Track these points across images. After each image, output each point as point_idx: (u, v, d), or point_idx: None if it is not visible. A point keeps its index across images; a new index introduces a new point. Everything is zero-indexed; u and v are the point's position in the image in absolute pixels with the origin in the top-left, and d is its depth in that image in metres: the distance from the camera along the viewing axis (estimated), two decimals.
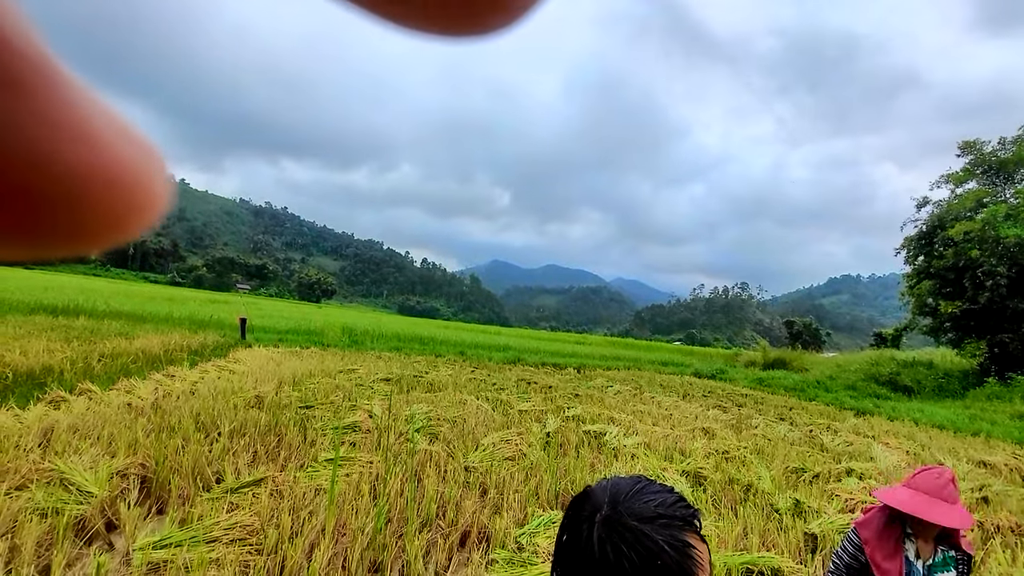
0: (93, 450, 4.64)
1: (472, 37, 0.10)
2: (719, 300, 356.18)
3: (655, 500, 0.73)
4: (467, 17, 0.09)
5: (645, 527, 0.69)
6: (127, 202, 0.09)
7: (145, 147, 0.10)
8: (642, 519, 0.70)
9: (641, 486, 0.76)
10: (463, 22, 0.09)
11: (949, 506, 1.90)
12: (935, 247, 24.70)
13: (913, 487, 1.97)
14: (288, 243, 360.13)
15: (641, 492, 0.75)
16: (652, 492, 0.75)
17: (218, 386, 8.33)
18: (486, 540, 4.00)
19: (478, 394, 10.29)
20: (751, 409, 13.58)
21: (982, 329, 22.59)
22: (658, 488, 0.76)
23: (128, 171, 0.09)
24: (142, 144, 0.10)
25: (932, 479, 1.96)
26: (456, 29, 0.10)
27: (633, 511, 0.71)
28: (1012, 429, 13.79)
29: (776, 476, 6.27)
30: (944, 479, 1.95)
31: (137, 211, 0.10)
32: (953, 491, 1.93)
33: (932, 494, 1.92)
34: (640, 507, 0.71)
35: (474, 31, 0.10)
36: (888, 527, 2.04)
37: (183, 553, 3.12)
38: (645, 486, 0.76)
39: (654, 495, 0.75)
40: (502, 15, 0.10)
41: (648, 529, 0.69)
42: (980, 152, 24.79)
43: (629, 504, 0.72)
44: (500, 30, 0.10)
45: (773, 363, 31.40)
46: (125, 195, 0.09)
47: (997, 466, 8.46)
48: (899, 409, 16.49)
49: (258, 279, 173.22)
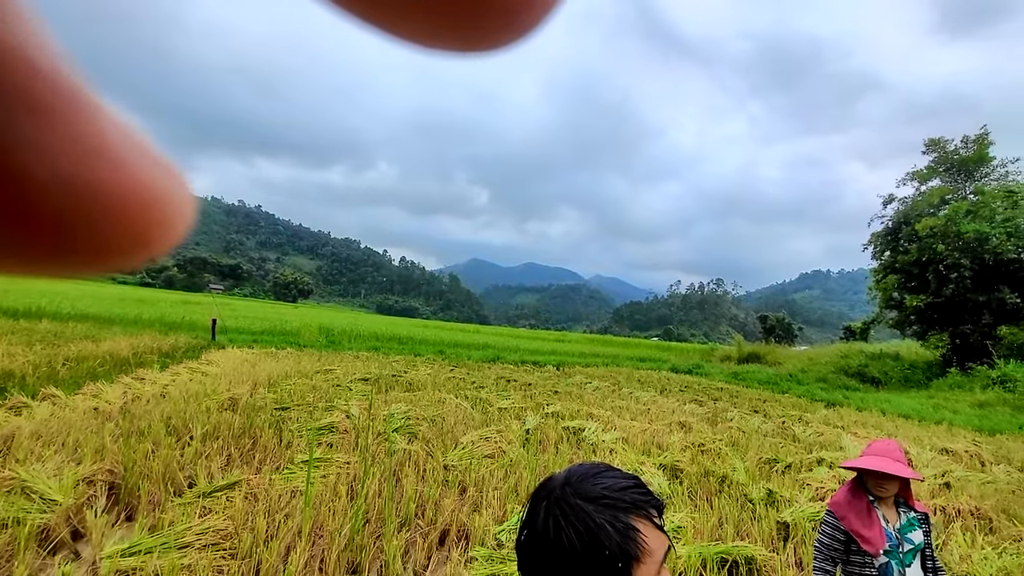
0: (57, 457, 4.47)
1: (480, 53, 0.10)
2: (695, 296, 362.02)
3: (604, 483, 0.74)
4: (475, 34, 0.09)
5: (588, 506, 0.71)
6: (150, 220, 0.09)
7: (167, 166, 0.10)
8: (587, 499, 0.72)
9: (597, 471, 0.77)
10: (471, 39, 0.09)
11: (903, 465, 2.16)
12: (901, 243, 25.59)
13: (870, 452, 2.26)
14: (262, 242, 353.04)
15: (596, 476, 0.76)
16: (607, 476, 0.76)
17: (190, 389, 8.13)
18: (465, 538, 4.00)
19: (457, 393, 10.26)
20: (726, 403, 13.85)
21: (945, 321, 23.50)
22: (616, 474, 0.77)
23: (151, 190, 0.09)
24: (163, 163, 0.10)
25: (884, 445, 2.27)
26: (464, 46, 0.10)
27: (580, 491, 0.73)
28: (972, 417, 14.39)
29: (750, 467, 6.41)
30: (894, 445, 2.26)
31: (161, 229, 0.10)
32: (903, 455, 2.22)
33: (887, 455, 2.20)
34: (588, 488, 0.73)
35: (482, 47, 0.10)
36: (856, 499, 2.25)
37: (153, 560, 3.04)
38: (602, 471, 0.78)
39: (607, 479, 0.75)
40: (510, 31, 0.10)
41: (591, 508, 0.70)
42: (944, 150, 25.76)
43: (578, 485, 0.74)
44: (508, 46, 0.10)
45: (748, 357, 32.11)
46: (148, 214, 0.09)
47: (958, 453, 8.80)
48: (867, 400, 17.04)
49: (232, 279, 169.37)
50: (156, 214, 0.09)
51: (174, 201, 0.10)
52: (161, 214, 0.10)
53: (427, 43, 0.09)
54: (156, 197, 0.09)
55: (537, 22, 0.10)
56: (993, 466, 8.06)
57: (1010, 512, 5.47)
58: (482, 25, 0.09)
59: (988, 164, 24.76)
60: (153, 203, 0.09)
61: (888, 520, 2.22)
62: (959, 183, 25.58)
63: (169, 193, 0.10)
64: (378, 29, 0.09)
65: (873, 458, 2.21)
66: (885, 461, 2.18)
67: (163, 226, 0.10)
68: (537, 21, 0.10)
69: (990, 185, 24.38)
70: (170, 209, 0.10)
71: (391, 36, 0.09)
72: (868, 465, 2.18)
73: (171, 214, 0.10)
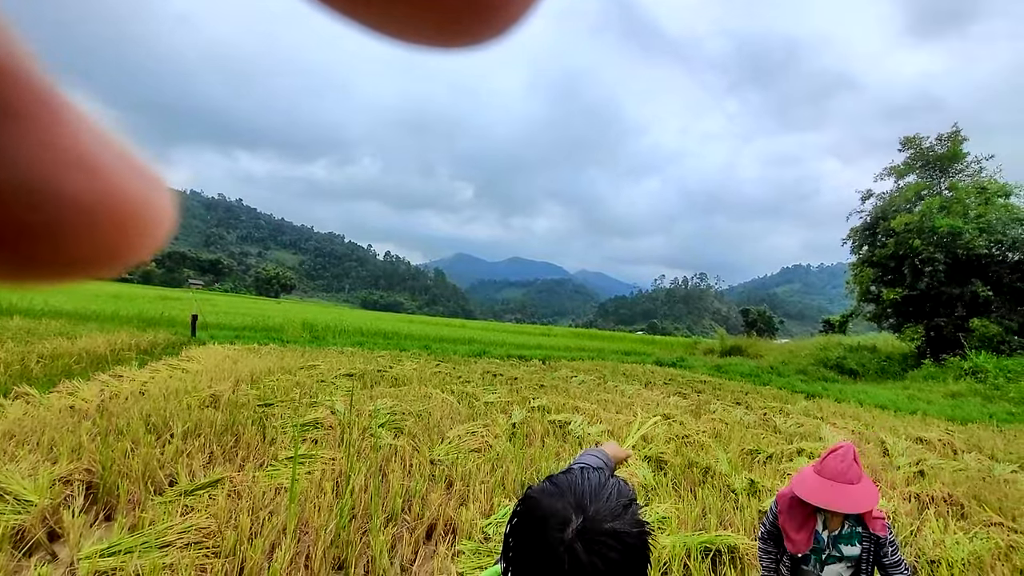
0: (32, 456, 4.36)
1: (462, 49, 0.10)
2: (679, 291, 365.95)
3: (610, 491, 0.74)
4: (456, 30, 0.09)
5: (618, 524, 0.69)
6: (130, 228, 0.09)
7: (147, 173, 0.10)
8: (614, 517, 0.70)
9: (592, 482, 0.75)
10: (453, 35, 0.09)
11: (854, 487, 2.03)
12: (878, 237, 26.16)
13: (821, 473, 2.11)
14: (244, 236, 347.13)
15: (599, 488, 0.74)
16: (602, 483, 0.75)
17: (170, 386, 7.98)
18: (452, 532, 4.00)
19: (443, 387, 10.24)
20: (710, 395, 14.05)
21: (920, 314, 24.13)
22: (602, 478, 0.77)
23: (129, 197, 0.09)
24: (144, 170, 0.10)
25: (837, 463, 2.09)
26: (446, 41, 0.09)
27: (602, 513, 0.70)
28: (945, 407, 14.81)
29: (733, 458, 6.52)
30: (848, 460, 2.09)
31: (141, 237, 0.10)
32: (857, 470, 2.07)
33: (837, 479, 2.05)
34: (605, 505, 0.71)
35: (463, 43, 0.10)
36: (800, 504, 2.17)
37: (133, 560, 2.98)
38: (597, 480, 0.76)
39: (605, 486, 0.75)
40: (492, 27, 0.10)
41: (620, 525, 0.69)
42: (919, 147, 26.35)
43: (597, 507, 0.71)
44: (490, 42, 0.10)
45: (730, 351, 32.58)
46: (128, 221, 0.09)
47: (932, 442, 9.06)
48: (845, 391, 17.42)
49: (212, 274, 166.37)
50: (134, 222, 0.09)
51: (153, 208, 0.10)
52: (140, 222, 0.09)
53: (408, 39, 0.09)
54: (134, 205, 0.09)
55: (518, 18, 0.10)
56: (965, 454, 8.32)
57: (981, 498, 5.66)
58: (463, 21, 0.09)
59: (962, 160, 25.39)
60: (131, 211, 0.09)
61: (828, 526, 2.18)
62: (934, 179, 26.19)
63: (148, 200, 0.10)
64: (359, 25, 0.09)
65: (822, 486, 2.06)
66: (834, 490, 2.03)
67: (142, 234, 0.10)
68: (518, 17, 0.10)
69: (964, 181, 25.03)
70: (149, 216, 0.10)
71: (372, 32, 0.09)
72: (814, 501, 2.04)
73: (150, 221, 0.10)
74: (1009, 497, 5.79)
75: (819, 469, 2.12)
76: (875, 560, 2.13)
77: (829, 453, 2.15)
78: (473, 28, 0.09)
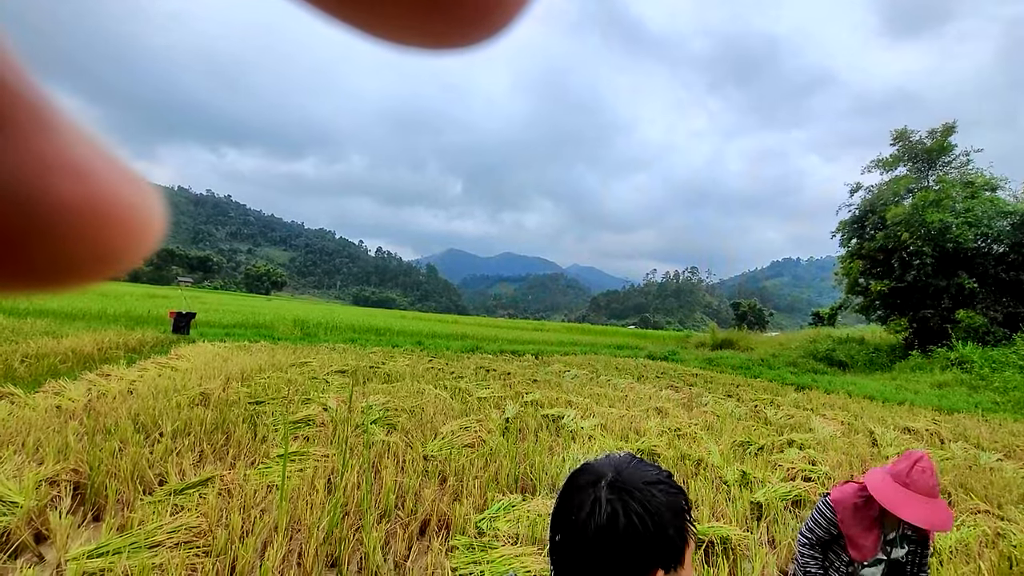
0: (17, 457, 4.28)
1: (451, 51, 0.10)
2: (671, 285, 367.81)
3: (653, 471, 0.78)
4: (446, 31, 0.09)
5: (650, 489, 0.73)
6: (119, 235, 0.09)
7: (135, 180, 0.10)
8: (647, 482, 0.74)
9: (638, 460, 0.81)
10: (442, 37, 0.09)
11: (942, 503, 1.91)
12: (867, 230, 26.42)
13: (911, 487, 1.93)
14: (233, 233, 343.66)
15: (640, 464, 0.80)
16: (649, 466, 0.80)
17: (159, 384, 7.88)
18: (446, 527, 4.00)
19: (436, 383, 10.22)
20: (701, 388, 14.14)
21: (907, 306, 24.42)
22: (652, 464, 0.81)
23: (119, 204, 0.09)
24: (132, 177, 0.10)
25: (927, 479, 1.92)
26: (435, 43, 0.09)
27: (636, 476, 0.75)
28: (932, 397, 15.02)
29: (724, 450, 6.56)
30: (935, 476, 1.94)
31: (129, 244, 0.10)
32: (936, 484, 1.94)
33: (931, 494, 1.90)
34: (642, 473, 0.76)
35: (453, 45, 0.10)
36: (866, 506, 2.07)
37: (123, 560, 2.94)
38: (641, 461, 0.81)
39: (651, 468, 0.79)
40: (482, 30, 0.09)
41: (654, 490, 0.73)
42: (908, 140, 26.69)
43: (632, 472, 0.76)
44: (480, 45, 0.10)
45: (721, 344, 32.79)
46: (116, 229, 0.09)
47: (919, 431, 9.19)
48: (835, 383, 17.60)
49: (201, 272, 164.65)
50: (122, 228, 0.09)
51: (141, 214, 0.10)
52: (127, 228, 0.09)
53: (397, 40, 0.09)
54: (124, 208, 0.09)
55: (509, 21, 0.10)
56: (951, 443, 8.44)
57: (967, 486, 5.75)
58: (453, 23, 0.09)
59: (949, 153, 25.68)
60: (121, 214, 0.09)
61: (886, 528, 2.09)
62: (922, 171, 26.50)
63: (136, 206, 0.10)
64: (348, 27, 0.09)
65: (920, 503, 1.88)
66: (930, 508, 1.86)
67: (130, 240, 0.10)
68: (509, 20, 0.10)
69: (951, 174, 25.34)
70: (137, 223, 0.10)
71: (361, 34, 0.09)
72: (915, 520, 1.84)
73: (138, 228, 0.10)
74: (995, 485, 5.88)
75: (906, 483, 1.94)
76: (919, 562, 2.08)
77: (912, 466, 1.97)
78: (463, 31, 0.09)
